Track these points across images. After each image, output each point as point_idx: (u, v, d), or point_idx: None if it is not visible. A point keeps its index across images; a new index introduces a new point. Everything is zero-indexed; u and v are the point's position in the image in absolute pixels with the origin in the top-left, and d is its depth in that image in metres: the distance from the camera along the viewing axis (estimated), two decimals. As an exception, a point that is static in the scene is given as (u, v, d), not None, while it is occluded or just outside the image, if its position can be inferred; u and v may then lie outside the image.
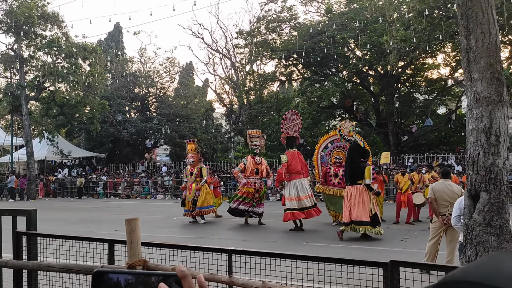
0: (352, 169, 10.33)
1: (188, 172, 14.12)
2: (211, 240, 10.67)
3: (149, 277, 0.80)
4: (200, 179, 13.72)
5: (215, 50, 37.16)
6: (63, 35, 28.04)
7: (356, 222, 9.91)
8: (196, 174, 13.78)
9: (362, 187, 10.06)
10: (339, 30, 23.58)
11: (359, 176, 10.09)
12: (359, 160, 10.28)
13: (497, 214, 4.09)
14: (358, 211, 9.89)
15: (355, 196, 10.03)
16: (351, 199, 10.06)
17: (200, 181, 13.66)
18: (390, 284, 2.91)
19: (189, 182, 13.86)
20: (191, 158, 14.05)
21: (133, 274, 0.80)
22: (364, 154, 10.48)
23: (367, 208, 9.94)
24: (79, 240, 4.30)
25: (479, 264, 0.56)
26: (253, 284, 3.17)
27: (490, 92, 4.15)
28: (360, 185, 10.08)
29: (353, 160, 10.36)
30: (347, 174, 10.59)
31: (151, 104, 38.51)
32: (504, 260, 0.54)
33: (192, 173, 13.85)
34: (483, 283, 0.52)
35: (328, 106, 27.71)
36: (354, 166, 10.27)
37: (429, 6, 19.16)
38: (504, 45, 20.90)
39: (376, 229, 10.01)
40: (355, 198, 10.02)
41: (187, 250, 3.71)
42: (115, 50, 37.62)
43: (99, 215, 16.96)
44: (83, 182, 28.31)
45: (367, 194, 10.04)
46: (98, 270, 0.81)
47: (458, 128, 25.68)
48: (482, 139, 4.14)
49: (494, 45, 4.21)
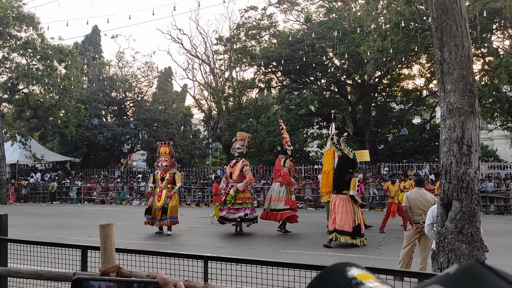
0: (339, 178, 10.56)
1: (158, 177, 12.95)
2: (187, 246, 10.58)
3: (131, 284, 0.79)
4: (172, 186, 12.81)
5: (194, 55, 37.06)
6: (39, 37, 27.51)
7: (338, 231, 10.07)
8: (169, 179, 12.79)
9: (347, 197, 10.25)
10: (318, 39, 23.84)
11: (345, 186, 10.30)
12: (347, 170, 10.48)
13: (468, 222, 4.18)
14: (341, 220, 10.07)
15: (339, 205, 10.23)
16: (335, 207, 10.27)
17: (172, 188, 12.76)
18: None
19: (158, 188, 12.77)
20: (164, 161, 12.94)
21: (115, 282, 0.80)
22: (353, 166, 10.66)
23: (351, 218, 10.09)
24: (51, 246, 4.20)
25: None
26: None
27: (462, 103, 4.25)
28: (345, 195, 10.27)
29: (341, 170, 10.59)
30: (334, 183, 10.81)
31: (128, 109, 38.08)
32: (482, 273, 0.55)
33: (164, 178, 12.79)
34: None
35: (306, 114, 27.93)
36: (341, 176, 10.50)
37: (405, 18, 19.58)
38: (477, 57, 21.48)
39: (357, 240, 10.13)
40: (338, 207, 10.21)
41: (162, 256, 3.67)
42: (92, 53, 37.12)
43: (72, 220, 16.61)
44: (56, 186, 27.69)
45: (351, 205, 10.22)
46: (78, 277, 0.80)
47: (432, 138, 26.20)
48: (455, 149, 4.24)
49: (467, 58, 4.33)
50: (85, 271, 3.83)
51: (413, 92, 27.14)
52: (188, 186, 25.42)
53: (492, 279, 0.52)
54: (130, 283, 0.79)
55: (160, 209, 12.51)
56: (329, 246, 10.22)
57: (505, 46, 22.67)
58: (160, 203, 12.52)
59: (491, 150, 36.52)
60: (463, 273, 0.54)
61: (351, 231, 10.04)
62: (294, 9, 29.35)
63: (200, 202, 24.59)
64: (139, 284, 0.79)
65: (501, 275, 0.52)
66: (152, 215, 12.64)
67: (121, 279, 0.82)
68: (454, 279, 0.54)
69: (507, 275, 0.52)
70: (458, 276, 0.54)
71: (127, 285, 0.79)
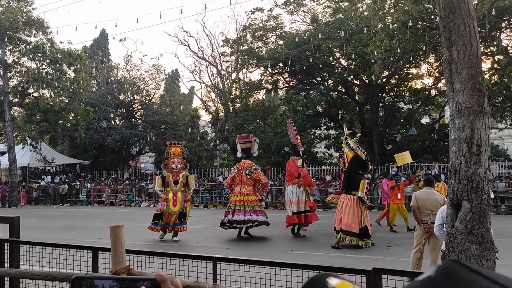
0: (349, 179, 10.58)
1: (170, 179, 11.96)
2: (195, 248, 10.60)
3: (134, 282, 0.82)
4: (185, 189, 12.01)
5: (201, 57, 37.20)
6: (48, 41, 27.76)
7: (344, 232, 10.06)
8: (183, 182, 11.93)
9: (355, 198, 10.23)
10: (325, 40, 23.81)
11: (354, 187, 10.29)
12: (358, 171, 10.51)
13: (478, 223, 4.15)
14: (347, 220, 10.07)
15: (346, 206, 10.23)
16: (343, 207, 10.28)
17: (186, 191, 11.98)
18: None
19: (171, 191, 11.81)
20: (177, 163, 12.05)
21: (118, 280, 0.82)
22: (364, 167, 10.67)
23: (357, 220, 10.04)
24: (62, 247, 4.25)
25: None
26: (238, 292, 3.17)
27: (471, 102, 4.23)
28: (354, 195, 10.26)
29: (352, 171, 10.60)
30: (344, 183, 10.83)
31: (136, 111, 38.29)
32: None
33: (177, 181, 11.90)
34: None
35: (314, 115, 27.89)
36: (351, 176, 10.52)
37: (413, 18, 19.49)
38: (486, 56, 21.32)
39: (363, 241, 10.09)
40: (346, 208, 10.21)
41: (171, 257, 3.69)
42: (101, 56, 37.39)
43: (82, 222, 16.74)
44: (66, 189, 27.92)
45: (358, 206, 10.18)
46: (77, 276, 0.82)
47: (441, 138, 26.03)
48: (464, 149, 4.21)
49: (476, 57, 4.31)
50: (96, 272, 3.87)
51: (421, 92, 26.97)
52: (196, 188, 25.50)
53: (471, 278, 0.54)
54: (133, 281, 0.82)
55: (175, 214, 11.60)
56: (337, 247, 10.18)
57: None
58: (177, 207, 11.61)
59: (501, 149, 36.22)
60: (443, 274, 0.57)
61: (359, 233, 10.01)
62: (301, 9, 29.35)
63: (208, 203, 24.65)
64: (142, 281, 0.81)
65: (479, 273, 0.55)
66: (164, 220, 11.67)
67: (121, 277, 0.84)
68: (437, 282, 0.56)
69: (484, 271, 0.55)
70: (439, 278, 0.56)
71: (131, 284, 0.81)
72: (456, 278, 0.55)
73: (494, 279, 0.54)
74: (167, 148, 12.70)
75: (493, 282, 0.53)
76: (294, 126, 13.81)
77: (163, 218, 11.63)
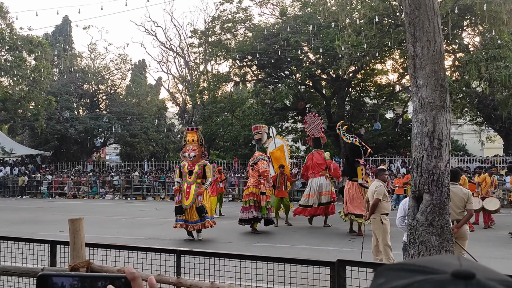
0: (347, 166, 11.81)
1: (185, 170, 10.61)
2: (160, 241, 10.48)
3: (96, 280, 0.76)
4: (202, 181, 10.54)
5: (168, 48, 36.60)
6: (7, 27, 26.69)
7: (353, 214, 10.81)
8: (198, 173, 10.45)
9: (357, 184, 11.07)
10: (293, 33, 23.88)
11: (354, 174, 11.17)
12: (354, 159, 11.40)
13: (438, 215, 4.26)
14: (352, 204, 10.84)
15: (350, 191, 11.08)
16: (347, 193, 11.14)
17: (202, 183, 10.49)
18: (337, 283, 2.97)
19: (185, 183, 10.48)
20: (192, 151, 10.53)
21: (79, 278, 0.76)
22: (358, 153, 11.41)
23: (361, 204, 10.48)
24: (19, 241, 4.09)
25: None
26: (201, 285, 3.14)
27: (434, 97, 4.32)
28: (356, 181, 11.09)
29: (348, 159, 11.88)
30: (345, 170, 11.97)
31: (101, 102, 37.40)
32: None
33: (192, 171, 10.46)
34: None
35: (281, 108, 28.02)
36: (349, 164, 11.63)
37: (379, 14, 19.82)
38: (448, 54, 21.94)
39: None
40: (349, 193, 11.06)
41: (134, 251, 3.61)
42: (63, 44, 36.21)
43: (43, 215, 16.23)
44: (26, 181, 27.00)
45: (361, 191, 10.91)
46: (42, 273, 0.76)
47: (404, 132, 26.69)
48: (426, 143, 4.30)
49: (439, 53, 4.40)
50: (54, 266, 3.75)
51: (386, 87, 27.56)
52: (162, 180, 25.21)
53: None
54: (96, 279, 0.76)
55: (192, 209, 10.25)
56: (360, 234, 9.78)
57: (475, 43, 23.24)
58: (189, 201, 10.24)
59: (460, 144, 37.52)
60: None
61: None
62: (270, 2, 29.29)
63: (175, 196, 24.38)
64: (105, 280, 0.75)
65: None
66: (185, 216, 10.33)
67: (87, 275, 0.78)
68: None
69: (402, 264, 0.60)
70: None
71: (92, 282, 0.75)
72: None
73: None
74: (183, 135, 11.53)
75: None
76: (320, 119, 13.98)
77: (183, 212, 10.37)
